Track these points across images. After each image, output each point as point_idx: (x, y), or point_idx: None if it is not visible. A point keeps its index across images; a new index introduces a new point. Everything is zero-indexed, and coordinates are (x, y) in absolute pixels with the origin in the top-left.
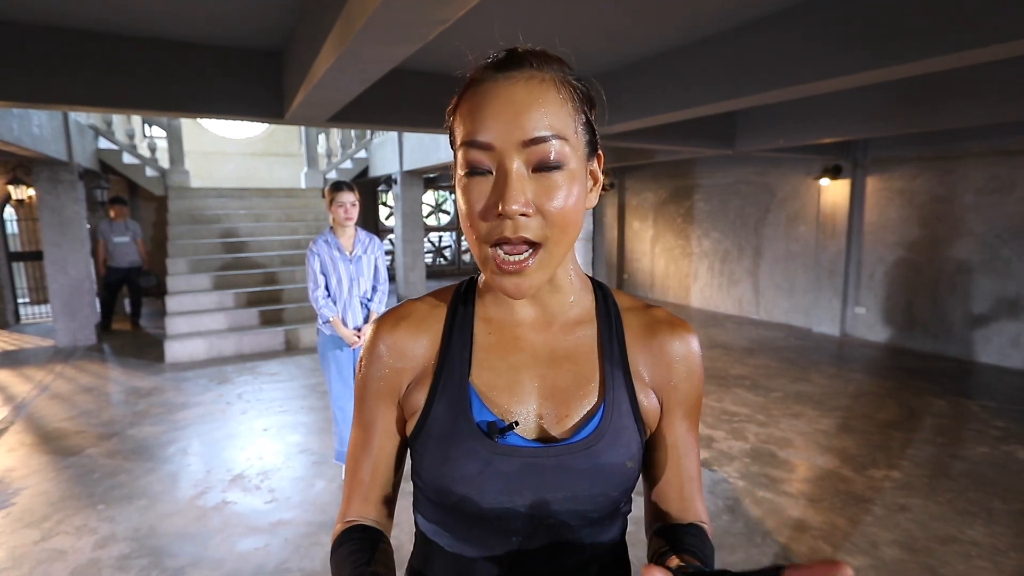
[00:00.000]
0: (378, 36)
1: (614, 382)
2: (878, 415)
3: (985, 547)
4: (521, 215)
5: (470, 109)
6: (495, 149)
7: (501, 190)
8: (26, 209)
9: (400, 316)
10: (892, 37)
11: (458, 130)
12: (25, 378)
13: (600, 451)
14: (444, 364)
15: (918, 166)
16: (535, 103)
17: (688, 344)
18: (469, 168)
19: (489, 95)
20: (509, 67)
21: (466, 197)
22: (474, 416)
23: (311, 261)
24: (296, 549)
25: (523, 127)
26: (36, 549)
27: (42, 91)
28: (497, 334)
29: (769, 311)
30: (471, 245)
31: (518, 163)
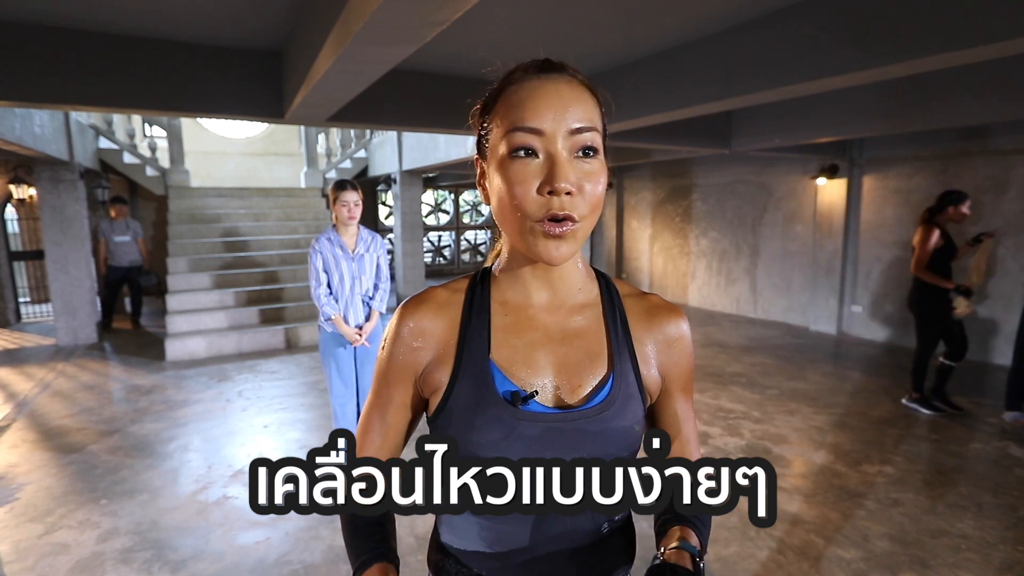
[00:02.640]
0: (377, 37)
1: (620, 356)
2: (873, 412)
3: (975, 540)
4: (567, 194)
5: (518, 100)
6: (545, 134)
7: (554, 171)
8: (27, 208)
9: (422, 301)
10: (886, 37)
11: (500, 120)
12: (27, 376)
13: (611, 416)
14: (465, 343)
15: (914, 165)
16: (578, 98)
17: (681, 327)
18: (517, 150)
19: (537, 89)
20: (550, 70)
21: (514, 176)
22: (497, 387)
23: (313, 259)
24: (296, 542)
25: (569, 117)
26: (40, 543)
27: (43, 91)
28: (512, 315)
29: (766, 310)
30: (510, 221)
31: (563, 147)
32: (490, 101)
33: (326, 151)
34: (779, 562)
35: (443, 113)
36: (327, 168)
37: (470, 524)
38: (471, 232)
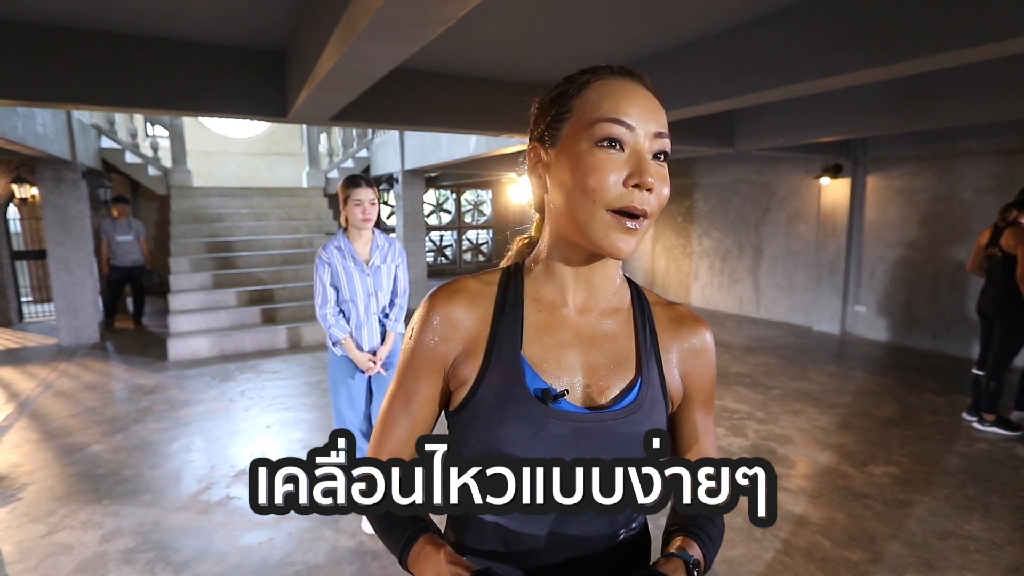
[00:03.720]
0: (381, 35)
1: (648, 361)
2: (877, 412)
3: (982, 541)
4: (648, 190)
5: (611, 94)
6: (635, 130)
7: (642, 166)
8: (30, 208)
9: (454, 291)
10: (890, 36)
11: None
12: (29, 376)
13: (638, 420)
14: (496, 337)
15: (918, 165)
16: (659, 107)
17: (706, 338)
18: (604, 140)
19: (630, 88)
20: (633, 75)
21: (597, 167)
22: (528, 384)
23: (319, 272)
24: (299, 543)
25: (656, 120)
26: (43, 543)
27: (46, 90)
28: (545, 313)
29: (769, 310)
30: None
31: (648, 148)
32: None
33: (328, 150)
34: (785, 563)
35: (446, 113)
36: (329, 168)
37: (487, 524)
38: (473, 232)
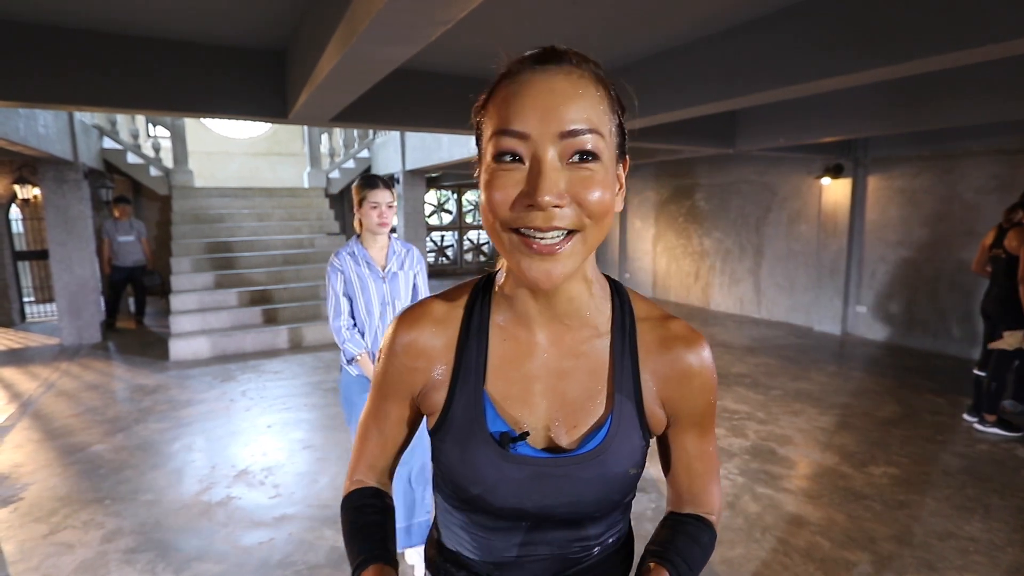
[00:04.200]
0: (381, 36)
1: (623, 394)
2: (878, 413)
3: (982, 542)
4: (554, 206)
5: (505, 98)
6: (530, 138)
7: (535, 180)
8: (32, 208)
9: (418, 316)
10: (891, 36)
11: (489, 121)
12: (31, 376)
13: (606, 461)
14: (460, 370)
15: (919, 165)
16: (575, 95)
17: (702, 359)
18: (501, 154)
19: (526, 85)
20: (548, 61)
21: (494, 185)
22: (488, 424)
23: (332, 280)
24: (300, 543)
25: (561, 118)
26: (44, 543)
27: (48, 91)
28: (512, 342)
29: (770, 310)
30: (492, 235)
31: (552, 154)
32: (488, 96)
33: (329, 151)
34: (785, 564)
35: (447, 113)
36: (330, 168)
37: (460, 533)
38: (474, 232)
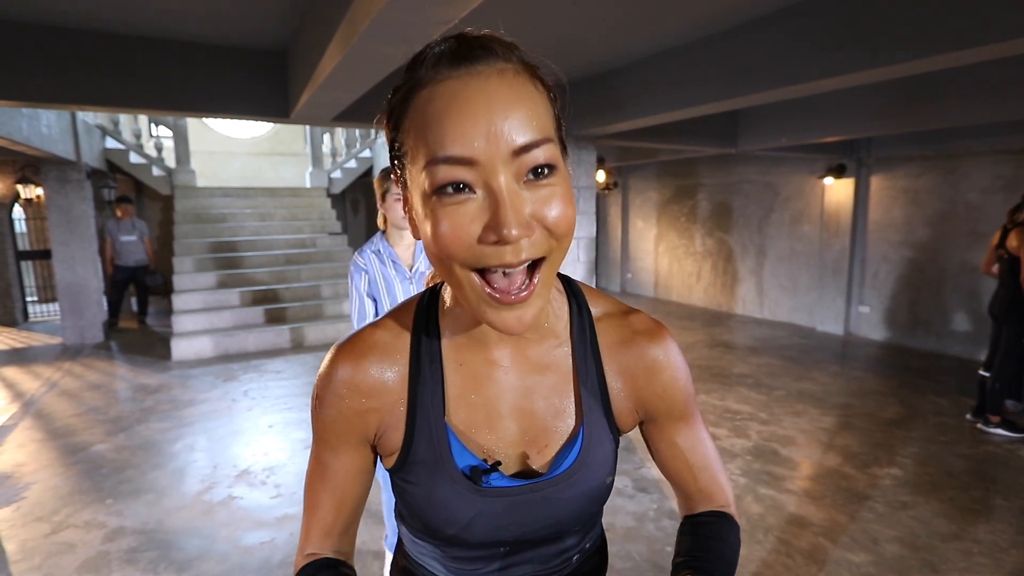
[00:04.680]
0: (382, 36)
1: (590, 404)
2: (881, 413)
3: (986, 544)
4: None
5: (434, 115)
6: (479, 164)
7: (498, 213)
8: (34, 208)
9: (362, 350)
10: (893, 35)
11: (414, 144)
12: (34, 375)
13: (583, 477)
14: (417, 404)
15: (922, 165)
16: (516, 100)
17: (668, 351)
18: (443, 186)
19: (458, 96)
20: (471, 58)
21: (444, 223)
22: (455, 460)
23: (356, 280)
24: None
25: (510, 130)
26: (46, 542)
27: (50, 91)
28: (468, 365)
29: (772, 310)
30: (444, 271)
31: (507, 177)
32: (397, 106)
33: (331, 151)
34: (787, 565)
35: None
36: (332, 168)
37: (434, 563)
38: None
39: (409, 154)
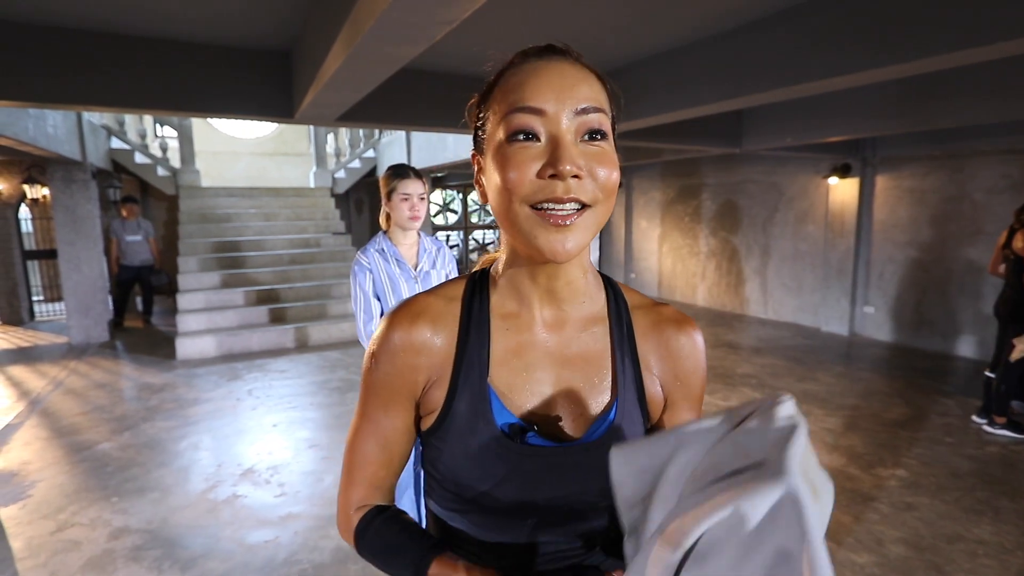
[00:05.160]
0: (386, 36)
1: (625, 379)
2: (886, 414)
3: (992, 545)
4: (573, 176)
5: (517, 82)
6: (548, 114)
7: (557, 153)
8: (40, 208)
9: (416, 312)
10: (899, 34)
11: (497, 106)
12: (40, 374)
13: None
14: (462, 363)
15: (928, 165)
16: (584, 79)
17: (693, 340)
18: (516, 133)
19: (540, 68)
20: (552, 53)
21: (511, 162)
22: (495, 418)
23: (360, 280)
24: (305, 542)
25: (576, 96)
26: (52, 540)
27: (56, 92)
28: (514, 332)
29: (777, 310)
30: (506, 212)
31: (569, 130)
32: (487, 91)
33: (335, 151)
34: None
35: (452, 113)
36: (336, 168)
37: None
38: (479, 231)
39: (490, 119)
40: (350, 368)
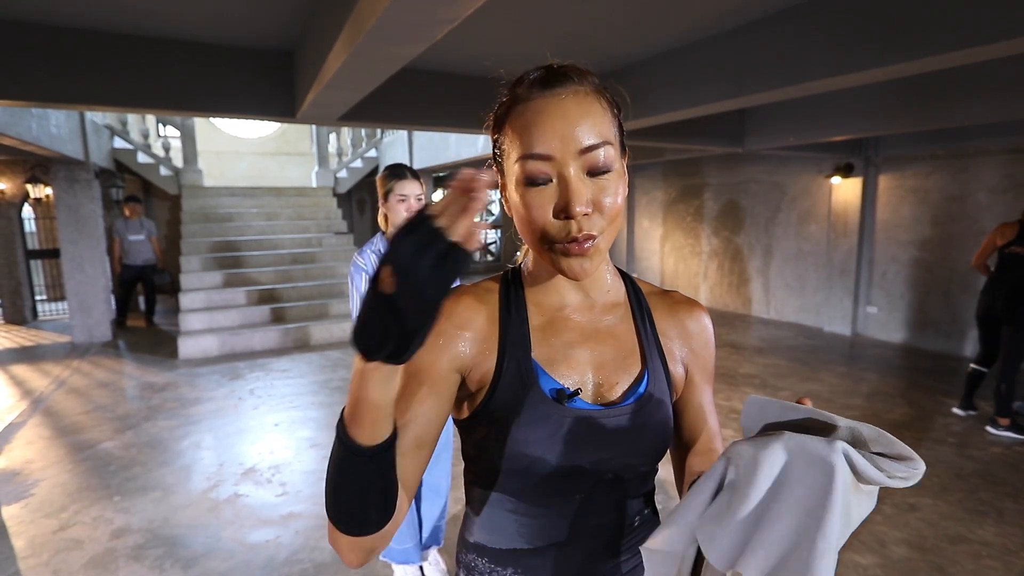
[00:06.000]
0: (387, 35)
1: (651, 353)
2: (889, 415)
3: (995, 547)
4: (584, 215)
5: (524, 125)
6: (555, 159)
7: (567, 195)
8: (44, 208)
9: (459, 293)
10: (902, 33)
11: (511, 145)
12: (43, 373)
13: (649, 412)
14: (507, 339)
15: (931, 164)
16: (585, 115)
17: (703, 320)
18: (529, 179)
19: (542, 112)
20: (554, 83)
21: (529, 206)
22: (542, 385)
23: (357, 281)
24: (306, 541)
25: (578, 138)
26: (54, 538)
27: (59, 91)
28: (548, 316)
29: (779, 310)
30: (532, 242)
31: (575, 170)
32: (501, 115)
33: (337, 150)
34: None
35: (454, 112)
36: (338, 167)
37: (508, 521)
38: (481, 231)
39: (506, 151)
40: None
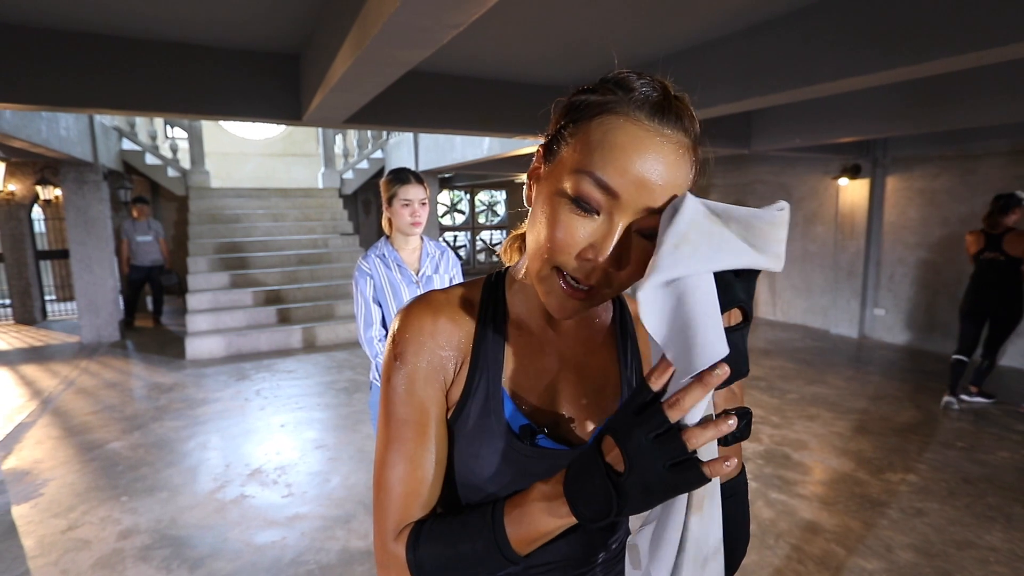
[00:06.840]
0: (394, 40)
1: (628, 387)
2: (896, 418)
3: (1004, 552)
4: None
5: (610, 142)
6: (619, 200)
7: (607, 245)
8: (53, 209)
9: (438, 305)
10: (909, 36)
11: (581, 146)
12: (52, 373)
13: None
14: (478, 362)
15: (939, 165)
16: (676, 174)
17: None
18: (578, 199)
19: (637, 142)
20: (665, 117)
21: (560, 224)
22: (507, 418)
23: (361, 286)
24: (312, 542)
25: (655, 194)
26: (63, 538)
27: (69, 95)
28: (527, 337)
29: (786, 312)
30: (535, 260)
31: (633, 223)
32: (591, 104)
33: (343, 152)
34: (798, 571)
35: (460, 115)
36: (344, 168)
37: None
38: (486, 232)
39: (571, 145)
40: (357, 369)
